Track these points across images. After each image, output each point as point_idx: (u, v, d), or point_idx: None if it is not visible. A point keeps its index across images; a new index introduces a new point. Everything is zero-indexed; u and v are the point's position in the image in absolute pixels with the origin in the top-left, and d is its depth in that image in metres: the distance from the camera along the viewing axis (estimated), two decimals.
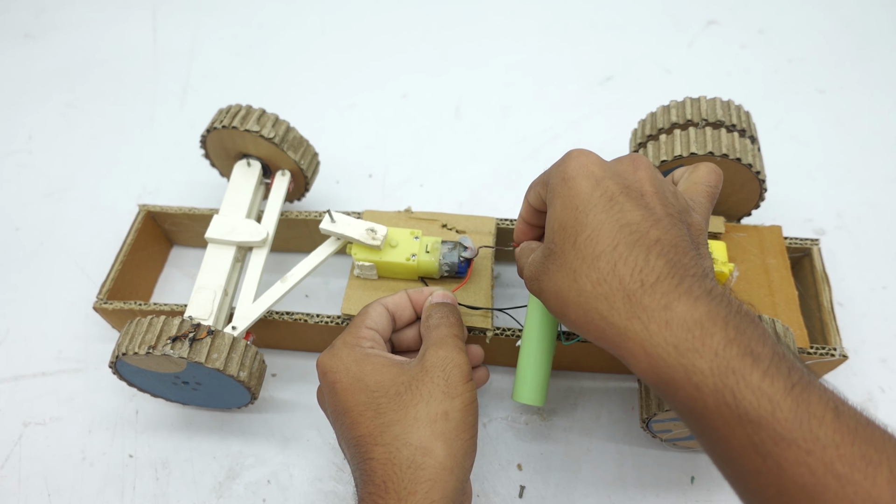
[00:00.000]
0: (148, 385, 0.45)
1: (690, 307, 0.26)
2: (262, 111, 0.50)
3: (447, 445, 0.32)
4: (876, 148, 0.66)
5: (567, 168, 0.32)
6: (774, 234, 0.49)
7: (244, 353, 0.41)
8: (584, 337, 0.31)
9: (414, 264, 0.45)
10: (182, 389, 0.44)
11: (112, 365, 0.42)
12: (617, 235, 0.29)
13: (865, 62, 0.75)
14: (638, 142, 0.51)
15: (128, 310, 0.48)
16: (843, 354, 0.43)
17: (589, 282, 0.29)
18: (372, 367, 0.35)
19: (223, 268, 0.47)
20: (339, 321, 0.46)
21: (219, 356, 0.40)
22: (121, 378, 0.44)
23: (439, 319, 0.38)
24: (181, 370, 0.41)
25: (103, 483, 0.46)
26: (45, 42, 0.83)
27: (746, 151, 0.46)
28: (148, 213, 0.55)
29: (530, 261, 0.34)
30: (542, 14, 0.84)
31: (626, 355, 0.28)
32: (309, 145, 0.53)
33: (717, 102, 0.48)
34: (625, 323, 0.27)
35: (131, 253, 0.52)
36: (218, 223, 0.49)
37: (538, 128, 0.70)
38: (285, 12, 0.86)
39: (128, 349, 0.39)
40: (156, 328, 0.40)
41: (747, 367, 0.24)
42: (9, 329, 0.55)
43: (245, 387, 0.41)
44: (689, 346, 0.25)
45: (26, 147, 0.70)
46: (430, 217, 0.51)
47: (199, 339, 0.39)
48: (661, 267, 0.28)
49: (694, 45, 0.78)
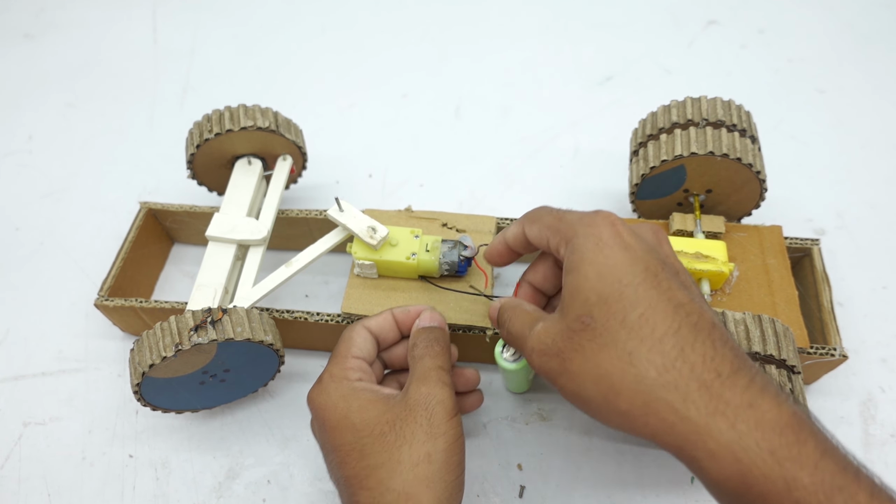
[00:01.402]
0: (175, 400, 0.44)
1: (776, 408, 0.24)
2: (242, 106, 0.51)
3: (431, 490, 0.31)
4: (876, 148, 0.66)
5: (601, 233, 0.29)
6: (774, 233, 0.49)
7: (260, 319, 0.42)
8: (630, 432, 0.26)
9: (414, 263, 0.45)
10: (209, 389, 0.44)
11: (137, 390, 0.41)
12: (675, 316, 0.26)
13: (866, 62, 0.75)
14: (639, 141, 0.51)
15: (129, 307, 0.48)
16: (842, 354, 0.43)
17: (653, 367, 0.25)
18: (358, 405, 0.34)
19: (224, 266, 0.47)
20: (339, 320, 0.46)
21: (243, 328, 0.40)
22: (146, 403, 0.43)
23: (423, 350, 0.36)
24: (210, 360, 0.41)
25: (103, 483, 0.46)
26: (45, 42, 0.83)
27: (747, 151, 0.46)
28: (149, 210, 0.55)
29: (540, 331, 0.30)
30: (543, 13, 0.84)
31: (701, 457, 0.24)
32: (292, 122, 0.54)
33: (717, 102, 0.48)
34: (706, 419, 0.24)
35: (132, 250, 0.52)
36: (219, 221, 0.49)
37: (538, 127, 0.70)
38: (285, 12, 0.86)
39: (153, 360, 0.38)
40: (173, 328, 0.39)
41: (852, 484, 0.22)
42: (9, 329, 0.55)
43: (273, 350, 0.42)
44: (787, 455, 0.23)
45: (26, 147, 0.70)
46: (430, 216, 0.51)
47: (217, 320, 0.40)
48: (732, 357, 0.25)
49: (694, 45, 0.78)
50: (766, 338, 0.37)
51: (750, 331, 0.37)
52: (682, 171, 0.48)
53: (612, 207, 0.60)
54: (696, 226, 0.48)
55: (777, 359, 0.36)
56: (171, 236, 0.59)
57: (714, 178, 0.48)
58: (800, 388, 0.37)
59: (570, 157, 0.67)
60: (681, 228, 0.48)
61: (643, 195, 0.51)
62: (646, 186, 0.50)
